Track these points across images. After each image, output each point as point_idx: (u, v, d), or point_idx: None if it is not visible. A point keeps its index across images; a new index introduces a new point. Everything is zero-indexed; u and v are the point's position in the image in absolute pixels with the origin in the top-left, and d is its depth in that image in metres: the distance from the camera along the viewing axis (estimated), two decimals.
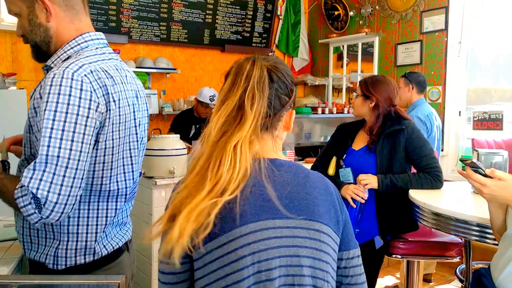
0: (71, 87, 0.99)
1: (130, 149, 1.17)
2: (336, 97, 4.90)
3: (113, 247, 1.17)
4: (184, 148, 2.62)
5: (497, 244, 1.33)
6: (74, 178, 0.99)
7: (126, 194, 1.18)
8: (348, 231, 0.93)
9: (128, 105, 1.14)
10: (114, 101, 1.08)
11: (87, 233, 1.11)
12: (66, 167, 0.98)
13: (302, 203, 0.85)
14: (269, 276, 0.79)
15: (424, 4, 3.94)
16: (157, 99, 3.97)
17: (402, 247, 2.05)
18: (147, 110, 1.28)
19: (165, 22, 4.14)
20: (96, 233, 1.12)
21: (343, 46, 4.70)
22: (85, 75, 1.02)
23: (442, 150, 3.64)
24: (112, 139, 1.09)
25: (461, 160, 1.22)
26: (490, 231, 1.43)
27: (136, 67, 3.91)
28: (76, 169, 1.00)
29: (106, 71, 1.09)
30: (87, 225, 1.11)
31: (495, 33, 3.69)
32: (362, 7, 4.47)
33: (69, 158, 0.98)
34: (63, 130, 0.98)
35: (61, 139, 0.98)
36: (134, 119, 1.17)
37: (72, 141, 0.99)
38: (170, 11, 4.13)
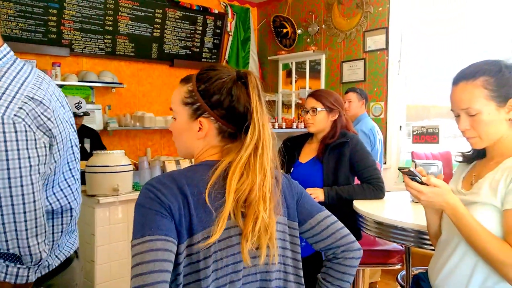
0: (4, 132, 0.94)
1: (70, 169, 1.17)
2: (285, 112, 4.99)
3: (65, 256, 1.17)
4: (129, 164, 2.53)
5: (434, 249, 1.38)
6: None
7: (71, 209, 1.17)
8: None
9: (65, 129, 1.12)
10: (54, 137, 1.04)
11: None
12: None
13: (291, 203, 1.03)
14: None
15: (367, 24, 4.14)
16: (101, 114, 3.83)
17: None
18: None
19: (110, 35, 4.03)
20: (49, 249, 1.09)
21: (291, 63, 4.82)
22: (16, 115, 0.94)
23: (385, 163, 3.80)
24: (55, 161, 1.08)
25: (399, 169, 1.26)
26: (428, 237, 1.49)
27: (79, 81, 3.76)
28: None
29: (41, 103, 1.01)
30: None
31: (432, 53, 3.94)
32: (309, 26, 4.62)
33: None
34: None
35: None
36: (71, 139, 1.16)
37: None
38: (116, 24, 4.04)
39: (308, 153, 2.18)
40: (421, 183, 1.20)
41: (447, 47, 3.76)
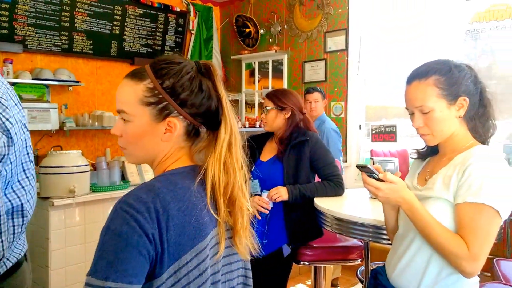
0: None
1: (24, 170, 1.14)
2: (249, 112, 4.99)
3: (17, 258, 1.14)
4: (86, 165, 2.44)
5: (391, 244, 1.42)
6: None
7: (23, 210, 1.14)
8: None
9: (20, 130, 1.08)
10: (11, 137, 1.00)
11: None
12: None
13: None
14: None
15: (327, 25, 4.22)
16: (57, 113, 3.67)
17: (309, 254, 2.11)
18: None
19: (66, 32, 3.88)
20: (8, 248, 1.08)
21: (254, 63, 4.83)
22: None
23: (345, 161, 3.88)
24: (10, 162, 1.05)
25: (357, 167, 1.29)
26: (385, 232, 1.53)
27: (33, 79, 3.59)
28: None
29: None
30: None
31: (391, 54, 4.07)
32: (272, 26, 4.65)
33: None
34: None
35: None
36: (25, 140, 1.12)
37: None
38: (73, 20, 3.89)
39: (269, 152, 2.19)
40: (378, 179, 1.23)
41: (405, 51, 3.89)
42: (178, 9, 4.62)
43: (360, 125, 4.09)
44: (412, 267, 1.25)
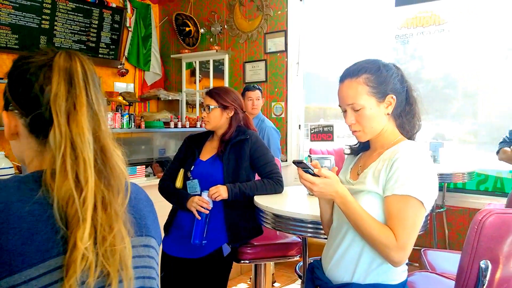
0: None
1: None
2: (190, 112, 4.91)
3: None
4: (10, 167, 2.26)
5: (327, 238, 1.46)
6: None
7: None
8: None
9: None
10: None
11: None
12: None
13: (130, 219, 0.76)
14: None
15: (267, 27, 4.27)
16: None
17: (249, 252, 2.11)
18: None
19: None
20: None
21: (195, 62, 4.77)
22: None
23: (285, 160, 3.96)
24: None
25: (294, 162, 1.31)
26: (322, 227, 1.57)
27: None
28: None
29: None
30: None
31: (327, 57, 4.21)
32: (212, 26, 4.62)
33: None
34: None
35: None
36: None
37: None
38: None
39: (209, 151, 2.16)
40: (314, 175, 1.25)
41: (340, 54, 4.05)
42: (114, 5, 4.44)
43: (299, 125, 4.18)
44: (346, 259, 1.30)
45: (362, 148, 1.47)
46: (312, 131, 3.93)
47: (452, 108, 3.74)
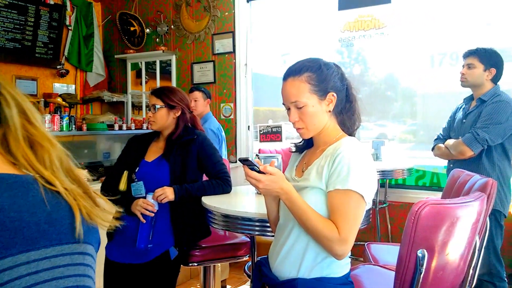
0: None
1: None
2: (136, 114, 4.77)
3: None
4: None
5: (274, 236, 1.46)
6: None
7: None
8: None
9: None
10: None
11: None
12: None
13: (64, 225, 0.71)
14: None
15: (215, 27, 4.25)
16: None
17: (197, 254, 2.08)
18: None
19: None
20: None
21: (141, 63, 4.64)
22: None
23: (235, 162, 3.95)
24: None
25: (239, 160, 1.30)
26: (269, 224, 1.58)
27: None
28: None
29: None
30: None
31: (277, 58, 4.26)
32: (158, 26, 4.52)
33: None
34: None
35: None
36: None
37: None
38: None
39: (154, 152, 2.10)
40: (260, 172, 1.26)
41: (288, 57, 4.12)
42: (52, 2, 4.22)
43: (248, 126, 4.20)
44: (292, 255, 1.31)
45: (306, 146, 1.49)
46: (261, 132, 3.96)
47: (393, 109, 3.93)
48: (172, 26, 4.48)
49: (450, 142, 2.43)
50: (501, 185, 2.30)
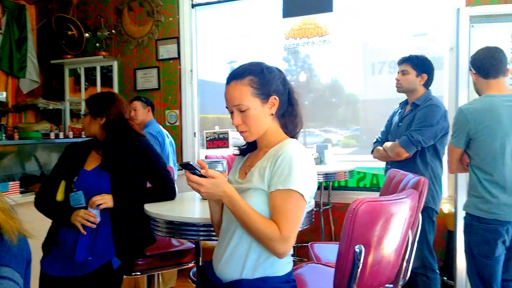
0: None
1: None
2: (75, 122, 4.55)
3: None
4: None
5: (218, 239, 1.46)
6: None
7: None
8: None
9: None
10: None
11: None
12: None
13: None
14: None
15: (158, 33, 4.19)
16: None
17: (141, 263, 2.02)
18: None
19: None
20: None
21: (80, 69, 4.45)
22: None
23: (182, 169, 3.90)
24: None
25: (180, 165, 1.29)
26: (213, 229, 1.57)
27: None
28: None
29: None
30: None
31: (224, 65, 4.27)
32: (99, 30, 4.36)
33: None
34: None
35: None
36: None
37: None
38: None
39: (94, 160, 2.02)
40: (201, 176, 1.25)
41: (235, 63, 4.14)
42: None
43: (195, 133, 4.16)
44: (235, 257, 1.31)
45: (250, 149, 1.51)
46: (207, 139, 3.94)
47: (337, 115, 4.08)
48: (113, 31, 4.35)
49: (387, 144, 2.57)
50: (433, 184, 2.45)
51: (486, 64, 2.09)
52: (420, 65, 2.51)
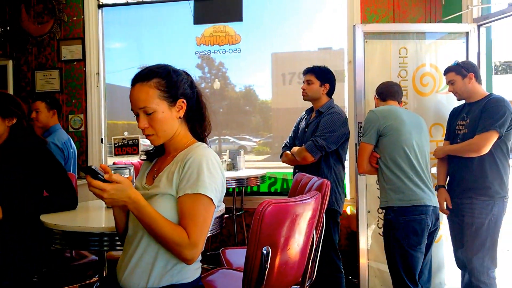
0: None
1: None
2: None
3: None
4: None
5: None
6: None
7: None
8: None
9: None
10: None
11: None
12: None
13: None
14: None
15: (61, 32, 3.90)
16: None
17: (37, 281, 1.83)
18: None
19: None
20: None
21: None
22: None
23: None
24: None
25: (81, 170, 1.21)
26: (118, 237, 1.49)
27: None
28: None
29: None
30: None
31: (135, 70, 4.08)
32: None
33: None
34: None
35: None
36: None
37: None
38: None
39: None
40: (104, 181, 1.18)
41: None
42: None
43: (102, 139, 3.93)
44: (141, 265, 1.26)
45: (157, 153, 1.47)
46: (115, 145, 3.75)
47: (251, 123, 4.16)
48: (8, 28, 3.95)
49: (295, 149, 2.68)
50: (337, 187, 2.62)
51: (385, 91, 2.51)
52: (323, 75, 2.68)
